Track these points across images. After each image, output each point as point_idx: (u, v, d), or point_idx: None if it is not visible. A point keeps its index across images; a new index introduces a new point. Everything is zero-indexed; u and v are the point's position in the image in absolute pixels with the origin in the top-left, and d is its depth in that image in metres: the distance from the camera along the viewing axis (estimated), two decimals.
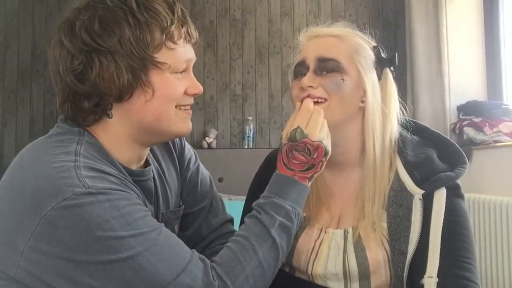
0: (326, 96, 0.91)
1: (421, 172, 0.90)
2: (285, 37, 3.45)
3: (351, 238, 0.93)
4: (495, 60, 2.80)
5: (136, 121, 0.80)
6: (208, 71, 3.42)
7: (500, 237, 2.13)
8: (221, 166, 3.19)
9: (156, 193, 0.90)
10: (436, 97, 2.82)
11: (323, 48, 0.94)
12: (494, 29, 2.80)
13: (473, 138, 2.52)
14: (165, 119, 0.81)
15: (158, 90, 0.78)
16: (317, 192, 0.99)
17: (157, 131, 0.82)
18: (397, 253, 0.88)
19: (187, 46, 0.82)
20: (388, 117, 0.96)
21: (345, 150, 0.96)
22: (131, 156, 0.83)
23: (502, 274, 2.11)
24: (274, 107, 3.43)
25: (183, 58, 0.80)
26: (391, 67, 0.98)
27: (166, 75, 0.78)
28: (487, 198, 2.24)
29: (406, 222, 0.88)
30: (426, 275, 0.84)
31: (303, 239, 0.96)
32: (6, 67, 3.34)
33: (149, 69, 0.76)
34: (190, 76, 0.84)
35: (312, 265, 0.94)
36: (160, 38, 0.76)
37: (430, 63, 2.86)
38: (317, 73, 0.92)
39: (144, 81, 0.76)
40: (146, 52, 0.75)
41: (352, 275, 0.91)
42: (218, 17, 3.45)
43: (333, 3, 3.48)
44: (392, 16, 3.45)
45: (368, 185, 0.94)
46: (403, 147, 0.95)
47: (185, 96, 0.83)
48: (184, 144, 1.03)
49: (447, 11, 2.79)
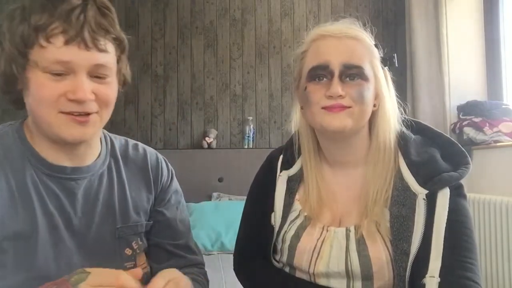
0: (352, 104, 0.89)
1: (425, 172, 0.90)
2: (285, 37, 3.45)
3: (353, 237, 0.92)
4: (495, 60, 2.80)
5: (30, 112, 0.81)
6: (208, 71, 3.43)
7: (500, 237, 2.13)
8: (221, 166, 3.19)
9: (95, 200, 0.87)
10: (436, 97, 2.82)
11: (347, 52, 0.91)
12: (494, 29, 2.80)
13: (473, 138, 2.52)
14: (44, 122, 0.78)
15: (31, 88, 0.76)
16: (318, 192, 0.98)
17: (41, 131, 0.81)
18: (399, 253, 0.87)
19: (67, 47, 0.74)
20: (392, 117, 0.96)
21: (353, 149, 0.97)
22: (54, 148, 0.82)
23: (502, 274, 2.11)
24: (274, 107, 3.43)
25: (57, 56, 0.74)
26: (389, 67, 0.97)
27: (38, 74, 0.75)
28: (487, 198, 2.24)
29: (409, 222, 0.88)
30: (428, 275, 0.83)
31: (305, 239, 0.95)
32: None
33: (26, 63, 0.75)
34: (74, 79, 0.76)
35: (314, 264, 0.93)
36: (32, 34, 0.74)
37: (430, 63, 2.87)
38: (342, 79, 0.90)
39: (21, 74, 0.76)
40: (17, 47, 0.75)
41: (354, 274, 0.90)
42: (218, 17, 3.45)
43: (333, 3, 3.48)
44: (392, 16, 3.45)
45: (371, 184, 0.93)
46: (406, 147, 0.95)
47: (67, 101, 0.76)
48: (161, 162, 1.00)
49: (447, 11, 2.79)
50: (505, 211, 2.11)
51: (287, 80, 3.43)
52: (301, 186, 1.01)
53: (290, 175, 1.02)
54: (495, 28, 2.80)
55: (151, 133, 3.37)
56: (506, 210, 2.10)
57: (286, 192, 1.01)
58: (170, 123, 3.39)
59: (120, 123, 3.31)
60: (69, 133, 0.78)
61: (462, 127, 2.61)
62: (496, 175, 2.37)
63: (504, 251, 2.11)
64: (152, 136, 3.36)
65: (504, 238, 2.11)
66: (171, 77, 3.41)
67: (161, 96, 3.40)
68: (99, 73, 0.78)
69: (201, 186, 3.11)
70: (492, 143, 2.46)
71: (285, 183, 1.01)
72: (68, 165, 0.84)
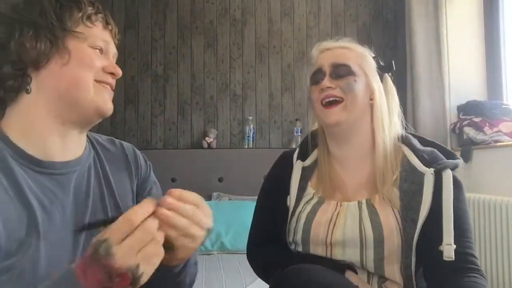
0: (343, 95, 1.08)
1: (429, 157, 1.05)
2: (285, 37, 3.46)
3: (365, 207, 1.05)
4: (495, 60, 2.80)
5: (53, 89, 0.83)
6: (208, 71, 3.43)
7: (500, 237, 2.13)
8: (221, 166, 3.19)
9: (87, 193, 0.87)
10: (436, 97, 2.82)
11: (335, 56, 1.11)
12: (494, 29, 2.80)
13: (473, 138, 2.52)
14: (82, 87, 0.84)
15: (74, 55, 0.83)
16: (330, 179, 1.12)
17: (74, 102, 0.83)
18: (408, 221, 0.99)
19: (105, 32, 0.90)
20: (391, 114, 1.12)
21: (358, 143, 1.11)
22: (48, 141, 0.82)
23: (502, 274, 2.11)
24: (274, 107, 3.43)
25: (100, 36, 0.88)
26: (389, 73, 1.15)
27: (84, 45, 0.85)
28: (487, 198, 2.24)
29: (417, 196, 1.01)
30: (444, 243, 0.95)
31: (321, 213, 1.07)
32: None
33: (67, 37, 0.84)
34: (110, 59, 0.90)
35: (331, 234, 1.04)
36: (77, 15, 0.85)
37: (430, 63, 2.87)
38: (332, 77, 1.09)
39: (61, 47, 0.83)
40: (65, 24, 0.84)
41: (367, 241, 1.01)
42: (218, 17, 3.45)
43: (333, 3, 3.48)
44: (392, 16, 3.45)
45: (379, 168, 1.07)
46: (408, 139, 1.11)
47: (104, 73, 0.87)
48: (139, 155, 1.03)
49: (447, 11, 2.79)
50: (505, 211, 2.11)
51: (287, 80, 3.43)
52: (314, 175, 1.16)
53: (305, 166, 1.16)
54: (495, 28, 2.80)
55: (151, 133, 3.36)
56: (506, 210, 2.10)
57: (300, 178, 1.13)
58: (170, 123, 3.39)
59: (120, 123, 3.28)
60: (104, 101, 0.86)
61: (462, 127, 2.62)
62: (496, 175, 2.37)
63: (504, 251, 2.11)
64: (152, 136, 3.36)
65: (504, 238, 2.11)
66: (171, 77, 3.41)
67: (161, 96, 3.40)
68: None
69: (201, 186, 3.11)
70: (492, 143, 2.46)
71: (300, 171, 1.15)
72: (58, 159, 0.84)
